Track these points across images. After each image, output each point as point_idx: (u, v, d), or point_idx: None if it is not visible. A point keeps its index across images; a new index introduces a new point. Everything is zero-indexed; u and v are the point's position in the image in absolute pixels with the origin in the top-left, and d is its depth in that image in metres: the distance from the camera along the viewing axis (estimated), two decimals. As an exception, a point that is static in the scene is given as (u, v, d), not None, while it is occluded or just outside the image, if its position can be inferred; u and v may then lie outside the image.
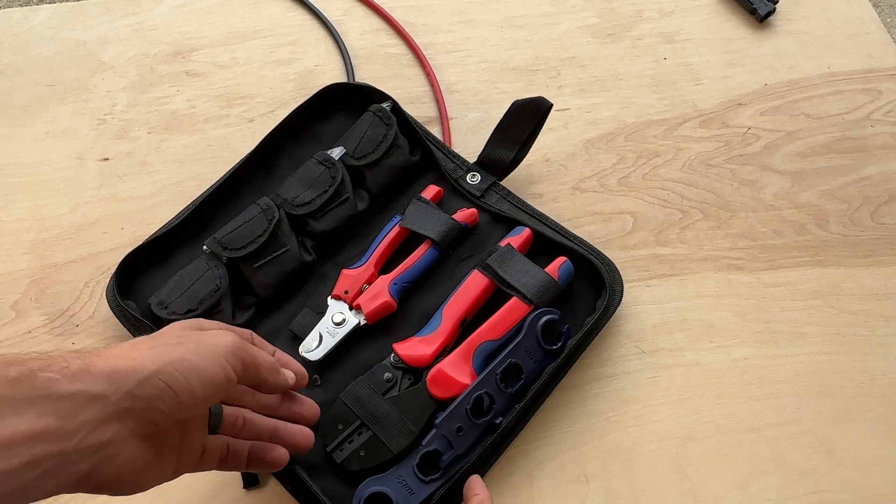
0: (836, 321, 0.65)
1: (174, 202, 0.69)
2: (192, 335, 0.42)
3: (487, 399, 0.56)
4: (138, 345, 0.40)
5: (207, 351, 0.41)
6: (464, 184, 0.69)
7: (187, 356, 0.40)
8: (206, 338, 0.42)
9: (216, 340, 0.42)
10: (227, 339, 0.42)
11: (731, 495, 0.58)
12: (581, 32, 0.82)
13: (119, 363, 0.37)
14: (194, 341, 0.41)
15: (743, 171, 0.73)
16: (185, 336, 0.42)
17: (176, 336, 0.42)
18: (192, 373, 0.39)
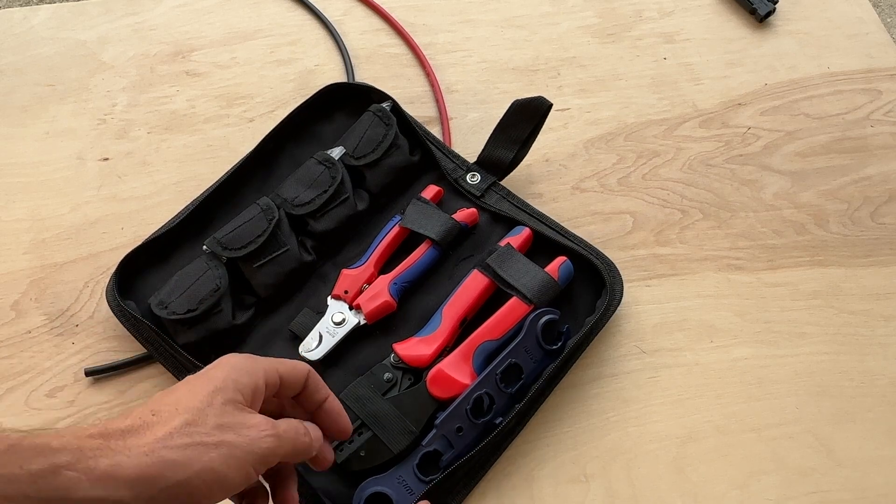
0: (836, 321, 0.65)
1: (174, 202, 0.69)
2: (230, 433, 0.40)
3: (487, 399, 0.56)
4: (174, 437, 0.38)
5: (239, 460, 0.39)
6: (464, 184, 0.69)
7: (218, 467, 0.38)
8: (244, 440, 0.40)
9: (253, 446, 0.40)
10: (264, 445, 0.41)
11: (731, 495, 0.58)
12: (581, 32, 0.82)
13: (148, 467, 0.36)
14: (229, 444, 0.39)
15: (743, 171, 0.73)
16: (223, 433, 0.40)
17: (215, 428, 0.39)
18: (216, 484, 0.38)
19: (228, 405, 0.41)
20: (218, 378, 0.42)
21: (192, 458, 0.38)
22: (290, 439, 0.43)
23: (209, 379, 0.42)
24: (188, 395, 0.41)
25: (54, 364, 0.62)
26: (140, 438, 0.37)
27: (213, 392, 0.41)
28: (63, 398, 0.61)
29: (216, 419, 0.40)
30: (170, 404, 0.40)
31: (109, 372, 0.61)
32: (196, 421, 0.39)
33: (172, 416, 0.39)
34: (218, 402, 0.41)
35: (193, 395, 0.41)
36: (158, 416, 0.39)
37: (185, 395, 0.41)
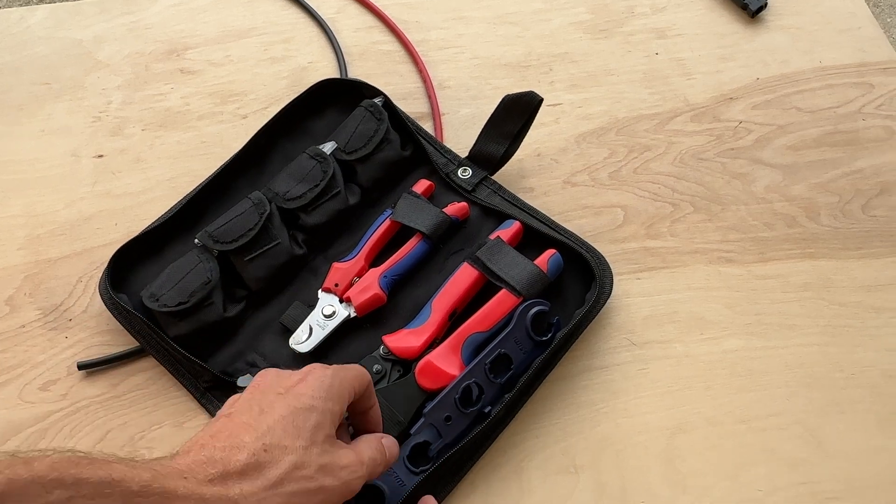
0: (827, 313, 0.65)
1: (167, 198, 0.70)
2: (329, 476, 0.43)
3: (476, 389, 0.56)
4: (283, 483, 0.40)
5: (339, 498, 0.43)
6: (455, 178, 0.69)
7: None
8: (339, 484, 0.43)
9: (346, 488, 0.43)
10: (354, 486, 0.44)
11: (720, 486, 0.58)
12: (573, 28, 0.83)
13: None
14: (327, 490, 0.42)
15: (734, 165, 0.73)
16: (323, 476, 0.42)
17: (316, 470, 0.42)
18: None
19: (327, 442, 0.44)
20: (318, 409, 0.44)
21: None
22: (374, 470, 0.46)
23: (308, 408, 0.44)
24: (292, 429, 0.42)
25: (48, 358, 0.63)
26: (253, 483, 0.39)
27: (315, 428, 0.43)
28: (56, 391, 0.61)
29: (318, 460, 0.42)
30: (278, 438, 0.42)
31: (102, 365, 0.62)
32: (302, 464, 0.41)
33: (282, 455, 0.41)
34: (319, 439, 0.43)
35: (297, 428, 0.43)
36: (270, 453, 0.41)
37: (289, 426, 0.42)
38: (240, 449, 0.40)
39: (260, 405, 0.44)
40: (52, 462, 0.33)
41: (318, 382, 0.45)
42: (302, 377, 0.46)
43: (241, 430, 0.42)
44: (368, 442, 0.48)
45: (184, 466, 0.38)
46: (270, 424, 0.42)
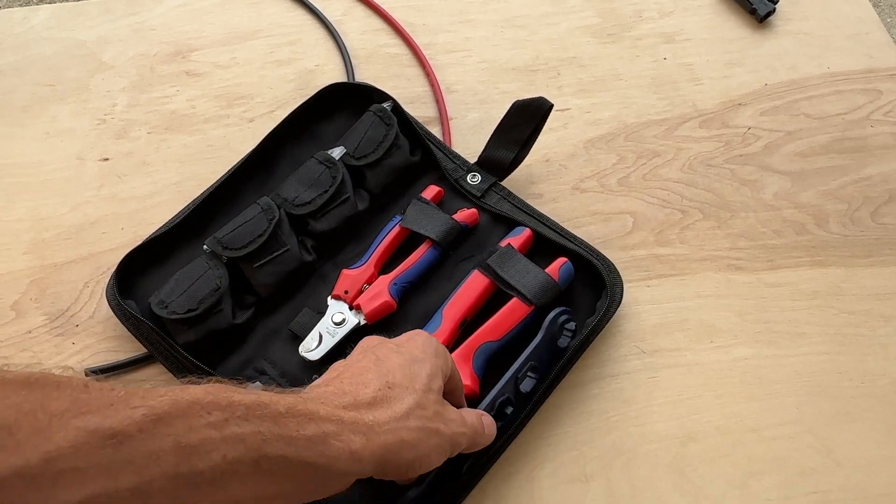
0: (836, 321, 0.65)
1: (174, 202, 0.69)
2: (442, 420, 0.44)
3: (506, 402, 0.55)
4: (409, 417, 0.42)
5: (443, 449, 0.44)
6: (464, 184, 0.69)
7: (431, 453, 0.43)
8: (448, 432, 0.44)
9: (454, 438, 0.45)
10: (460, 441, 0.46)
11: (731, 495, 0.58)
12: (581, 32, 0.82)
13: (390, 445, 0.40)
14: (440, 434, 0.44)
15: (743, 171, 0.73)
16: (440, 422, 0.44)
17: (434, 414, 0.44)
18: (425, 466, 0.43)
19: (438, 393, 0.46)
20: (429, 361, 0.46)
21: (420, 441, 0.42)
22: (474, 437, 0.48)
23: (422, 360, 0.46)
24: (411, 375, 0.45)
25: (54, 364, 0.62)
26: (383, 412, 0.41)
27: (430, 376, 0.45)
28: (63, 398, 0.61)
29: (434, 406, 0.44)
30: (399, 379, 0.44)
31: (110, 372, 0.61)
32: (423, 404, 0.43)
33: (404, 393, 0.43)
34: (435, 388, 0.45)
35: (415, 375, 0.45)
36: (393, 390, 0.43)
37: (408, 372, 0.45)
38: (366, 385, 0.42)
39: (375, 355, 0.46)
40: (205, 388, 0.35)
41: (427, 340, 0.48)
42: (410, 338, 0.49)
43: (363, 370, 0.44)
44: (470, 412, 0.49)
45: (319, 395, 0.41)
46: (390, 368, 0.44)
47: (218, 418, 0.34)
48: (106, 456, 0.30)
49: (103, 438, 0.30)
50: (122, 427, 0.31)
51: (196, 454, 0.33)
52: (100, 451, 0.30)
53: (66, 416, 0.30)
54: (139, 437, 0.31)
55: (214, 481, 0.33)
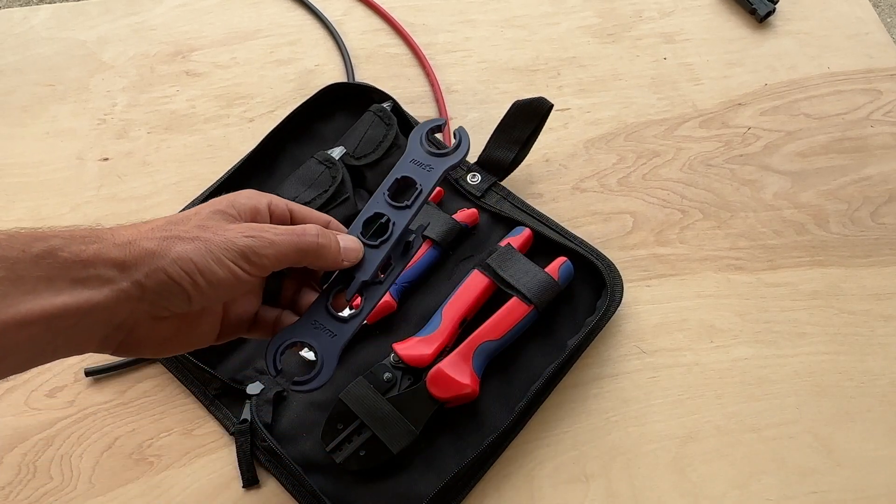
0: (836, 321, 0.65)
1: (174, 202, 0.69)
2: (208, 231, 0.41)
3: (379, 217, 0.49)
4: (154, 231, 0.40)
5: (214, 254, 0.40)
6: (464, 184, 0.69)
7: (194, 257, 0.40)
8: (219, 237, 0.41)
9: (229, 242, 0.41)
10: (241, 243, 0.41)
11: (731, 495, 0.58)
12: (581, 32, 0.82)
13: (128, 253, 0.38)
14: (204, 240, 0.41)
15: (743, 171, 0.73)
16: (201, 231, 0.41)
17: (194, 227, 0.41)
18: (196, 274, 0.40)
19: (217, 215, 0.43)
20: (216, 199, 0.44)
21: (166, 247, 0.39)
22: (288, 243, 0.43)
23: (210, 202, 0.44)
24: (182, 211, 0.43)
25: (54, 364, 0.62)
26: (124, 232, 0.40)
27: (205, 206, 0.43)
28: (63, 398, 0.61)
29: (198, 222, 0.42)
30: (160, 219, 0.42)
31: (109, 372, 0.61)
32: (178, 221, 0.41)
33: (159, 220, 0.42)
34: (206, 211, 0.43)
35: (187, 210, 0.43)
36: (149, 222, 0.42)
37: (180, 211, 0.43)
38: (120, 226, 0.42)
39: None
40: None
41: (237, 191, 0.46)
42: None
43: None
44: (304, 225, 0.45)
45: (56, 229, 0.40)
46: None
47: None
48: None
49: None
50: None
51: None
52: None
53: None
54: None
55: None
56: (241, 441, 0.57)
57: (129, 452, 0.59)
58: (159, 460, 0.58)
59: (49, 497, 0.57)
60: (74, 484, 0.57)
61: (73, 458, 0.58)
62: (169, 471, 0.58)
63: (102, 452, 0.59)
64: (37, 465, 0.58)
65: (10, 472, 0.58)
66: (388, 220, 0.48)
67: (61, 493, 0.57)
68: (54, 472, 0.58)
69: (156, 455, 0.59)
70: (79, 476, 0.58)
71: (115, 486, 0.57)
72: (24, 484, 0.57)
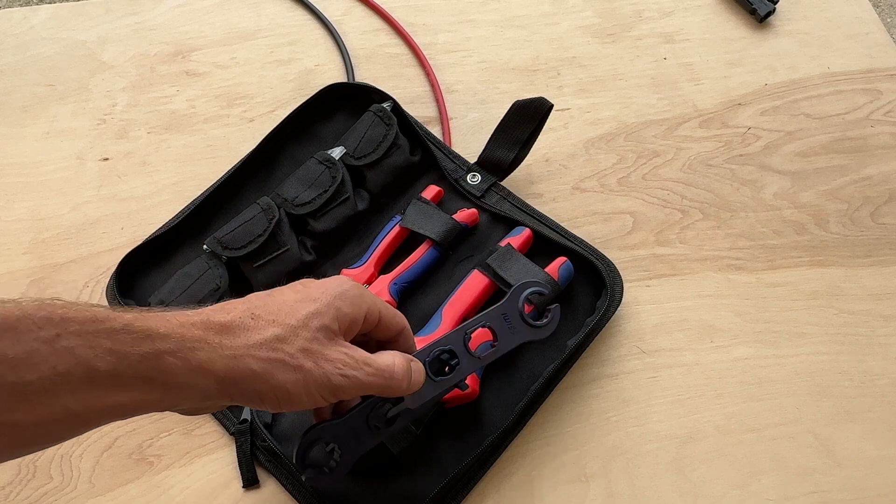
0: (836, 321, 0.65)
1: (174, 202, 0.69)
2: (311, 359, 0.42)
3: (448, 356, 0.49)
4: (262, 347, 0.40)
5: (309, 388, 0.41)
6: (464, 184, 0.69)
7: (290, 388, 0.41)
8: (319, 372, 0.42)
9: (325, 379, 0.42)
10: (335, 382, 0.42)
11: (730, 495, 0.58)
12: (581, 32, 0.82)
13: (233, 370, 0.39)
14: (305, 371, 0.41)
15: (743, 171, 0.73)
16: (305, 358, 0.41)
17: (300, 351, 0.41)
18: (287, 400, 0.41)
19: (321, 332, 0.43)
20: (322, 301, 0.43)
21: (270, 372, 0.40)
22: (386, 381, 0.44)
23: (313, 300, 0.43)
24: (288, 310, 0.42)
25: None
26: (234, 339, 0.40)
27: (311, 314, 0.43)
28: (63, 398, 0.61)
29: (304, 343, 0.42)
30: (270, 313, 0.42)
31: (109, 372, 0.61)
32: (286, 338, 0.41)
33: (267, 326, 0.41)
34: (313, 325, 0.42)
35: (293, 311, 0.42)
36: (256, 321, 0.41)
37: (286, 307, 0.42)
38: (228, 311, 0.41)
39: (272, 292, 0.44)
40: (40, 303, 0.35)
41: (335, 283, 0.45)
42: (322, 280, 0.46)
43: (239, 303, 0.42)
44: (391, 355, 0.46)
45: (168, 313, 0.40)
46: (268, 303, 0.43)
47: (49, 333, 0.34)
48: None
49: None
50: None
51: (23, 365, 0.33)
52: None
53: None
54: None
55: (44, 391, 0.33)
56: (241, 441, 0.57)
57: (129, 452, 0.59)
58: (159, 460, 0.58)
59: (49, 497, 0.57)
60: (74, 484, 0.57)
61: (73, 458, 0.58)
62: (169, 471, 0.58)
63: (102, 452, 0.59)
64: (37, 465, 0.58)
65: (10, 472, 0.58)
66: (456, 363, 0.50)
67: (61, 493, 0.57)
68: (54, 472, 0.58)
69: (156, 455, 0.59)
70: (79, 476, 0.58)
71: (115, 486, 0.57)
72: (24, 484, 0.57)
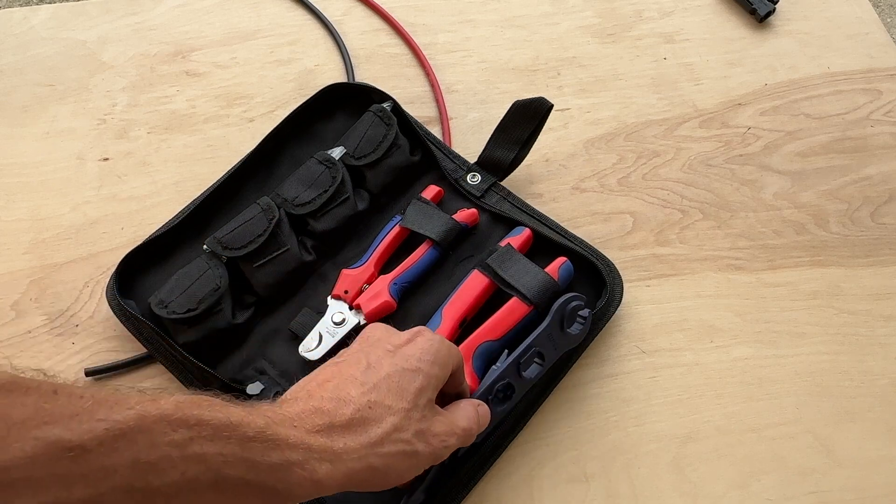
0: (836, 321, 0.65)
1: (174, 202, 0.69)
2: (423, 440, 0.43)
3: (509, 389, 0.54)
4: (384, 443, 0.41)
5: (420, 466, 0.43)
6: (464, 184, 0.69)
7: (405, 472, 0.42)
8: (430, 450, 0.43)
9: (436, 454, 0.44)
10: (442, 455, 0.44)
11: (730, 495, 0.58)
12: (581, 32, 0.82)
13: (356, 472, 0.40)
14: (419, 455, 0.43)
15: (743, 171, 0.73)
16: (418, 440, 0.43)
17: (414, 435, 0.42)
18: (396, 480, 0.42)
19: (427, 408, 0.44)
20: (423, 371, 0.44)
21: (391, 466, 0.41)
22: (466, 440, 0.46)
23: (415, 371, 0.44)
24: (397, 389, 0.43)
25: (54, 364, 0.62)
26: (356, 439, 0.40)
27: (419, 391, 0.44)
28: (63, 398, 0.61)
29: (417, 424, 0.43)
30: (383, 396, 0.42)
31: (110, 372, 0.61)
32: (402, 427, 0.42)
33: (385, 414, 0.42)
34: (422, 403, 0.44)
35: (402, 390, 0.43)
36: (374, 410, 0.42)
37: (394, 386, 0.43)
38: (346, 403, 0.41)
39: (368, 359, 0.44)
40: (177, 402, 0.34)
41: (428, 345, 0.46)
42: (411, 338, 0.47)
43: (349, 383, 0.43)
44: (465, 410, 0.48)
45: (293, 414, 0.40)
46: (377, 382, 0.43)
47: (182, 437, 0.33)
48: (62, 468, 0.30)
49: (61, 451, 0.30)
50: (82, 441, 0.30)
51: (154, 471, 0.32)
52: (56, 462, 0.30)
53: (27, 425, 0.30)
54: (97, 452, 0.31)
55: (170, 497, 0.33)
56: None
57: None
58: (159, 460, 0.58)
59: None
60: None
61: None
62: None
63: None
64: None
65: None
66: (511, 392, 0.54)
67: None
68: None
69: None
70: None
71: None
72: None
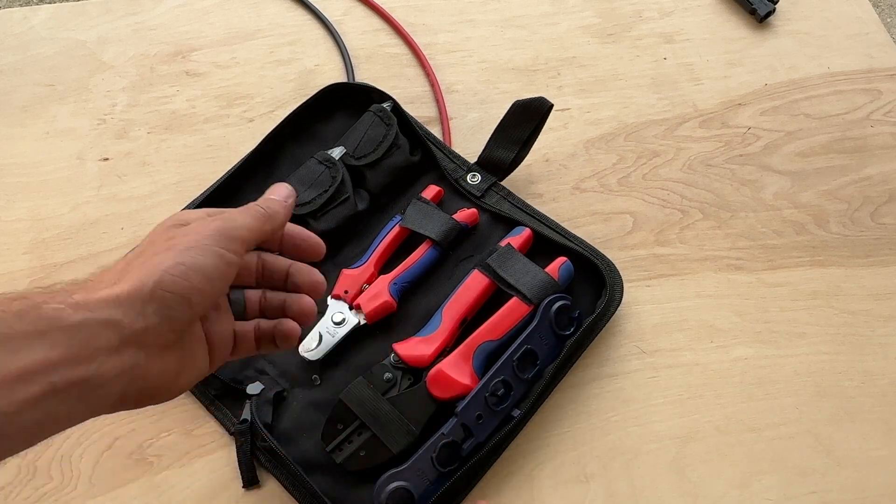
0: (836, 321, 0.65)
1: (174, 202, 0.69)
2: (178, 235, 0.41)
3: (503, 387, 0.57)
4: (130, 266, 0.39)
5: (197, 246, 0.40)
6: (464, 184, 0.69)
7: (180, 258, 0.39)
8: (191, 233, 0.41)
9: (201, 233, 0.41)
10: (211, 227, 0.41)
11: (731, 495, 0.58)
12: (581, 32, 0.82)
13: (119, 289, 0.37)
14: (181, 242, 0.40)
15: (743, 171, 0.73)
16: (172, 238, 0.40)
17: (163, 242, 0.40)
18: (190, 272, 0.39)
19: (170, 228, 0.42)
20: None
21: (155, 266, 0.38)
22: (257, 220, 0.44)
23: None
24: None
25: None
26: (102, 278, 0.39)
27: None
28: (63, 398, 0.61)
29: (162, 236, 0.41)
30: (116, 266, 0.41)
31: (109, 372, 0.61)
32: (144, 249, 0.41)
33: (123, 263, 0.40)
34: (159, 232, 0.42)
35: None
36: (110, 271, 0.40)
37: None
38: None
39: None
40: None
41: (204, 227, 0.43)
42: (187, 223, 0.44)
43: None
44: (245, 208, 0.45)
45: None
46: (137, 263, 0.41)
47: None
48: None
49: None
50: None
51: None
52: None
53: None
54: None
55: None
56: (241, 441, 0.57)
57: (129, 452, 0.59)
58: (159, 460, 0.58)
59: (49, 497, 0.57)
60: (74, 484, 0.57)
61: (72, 458, 0.58)
62: (169, 471, 0.58)
63: (102, 452, 0.59)
64: (37, 466, 0.58)
65: (10, 473, 0.58)
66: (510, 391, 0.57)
67: (61, 493, 0.57)
68: (54, 472, 0.58)
69: (156, 455, 0.59)
70: (79, 476, 0.58)
71: (114, 487, 0.57)
72: (24, 484, 0.57)
